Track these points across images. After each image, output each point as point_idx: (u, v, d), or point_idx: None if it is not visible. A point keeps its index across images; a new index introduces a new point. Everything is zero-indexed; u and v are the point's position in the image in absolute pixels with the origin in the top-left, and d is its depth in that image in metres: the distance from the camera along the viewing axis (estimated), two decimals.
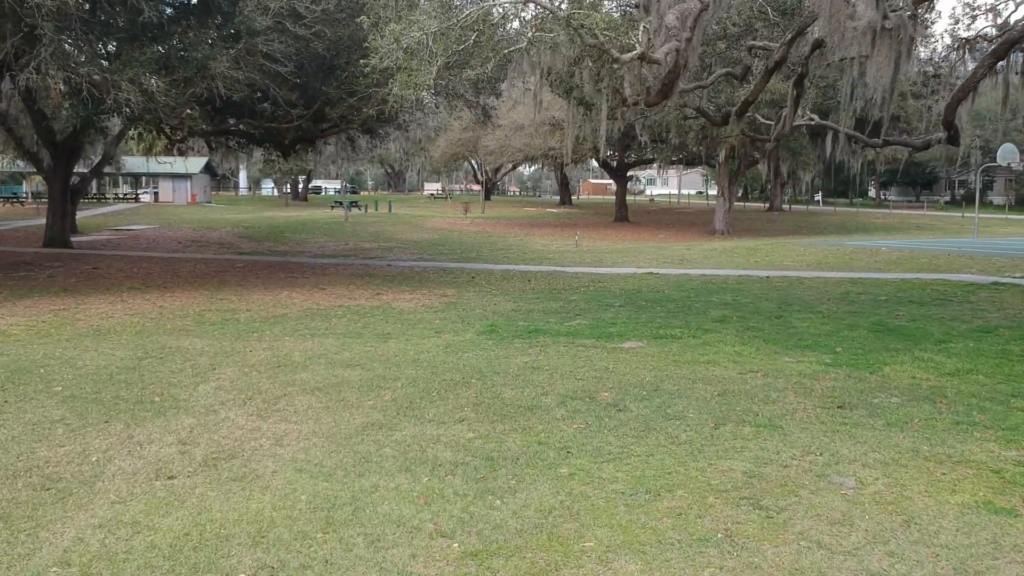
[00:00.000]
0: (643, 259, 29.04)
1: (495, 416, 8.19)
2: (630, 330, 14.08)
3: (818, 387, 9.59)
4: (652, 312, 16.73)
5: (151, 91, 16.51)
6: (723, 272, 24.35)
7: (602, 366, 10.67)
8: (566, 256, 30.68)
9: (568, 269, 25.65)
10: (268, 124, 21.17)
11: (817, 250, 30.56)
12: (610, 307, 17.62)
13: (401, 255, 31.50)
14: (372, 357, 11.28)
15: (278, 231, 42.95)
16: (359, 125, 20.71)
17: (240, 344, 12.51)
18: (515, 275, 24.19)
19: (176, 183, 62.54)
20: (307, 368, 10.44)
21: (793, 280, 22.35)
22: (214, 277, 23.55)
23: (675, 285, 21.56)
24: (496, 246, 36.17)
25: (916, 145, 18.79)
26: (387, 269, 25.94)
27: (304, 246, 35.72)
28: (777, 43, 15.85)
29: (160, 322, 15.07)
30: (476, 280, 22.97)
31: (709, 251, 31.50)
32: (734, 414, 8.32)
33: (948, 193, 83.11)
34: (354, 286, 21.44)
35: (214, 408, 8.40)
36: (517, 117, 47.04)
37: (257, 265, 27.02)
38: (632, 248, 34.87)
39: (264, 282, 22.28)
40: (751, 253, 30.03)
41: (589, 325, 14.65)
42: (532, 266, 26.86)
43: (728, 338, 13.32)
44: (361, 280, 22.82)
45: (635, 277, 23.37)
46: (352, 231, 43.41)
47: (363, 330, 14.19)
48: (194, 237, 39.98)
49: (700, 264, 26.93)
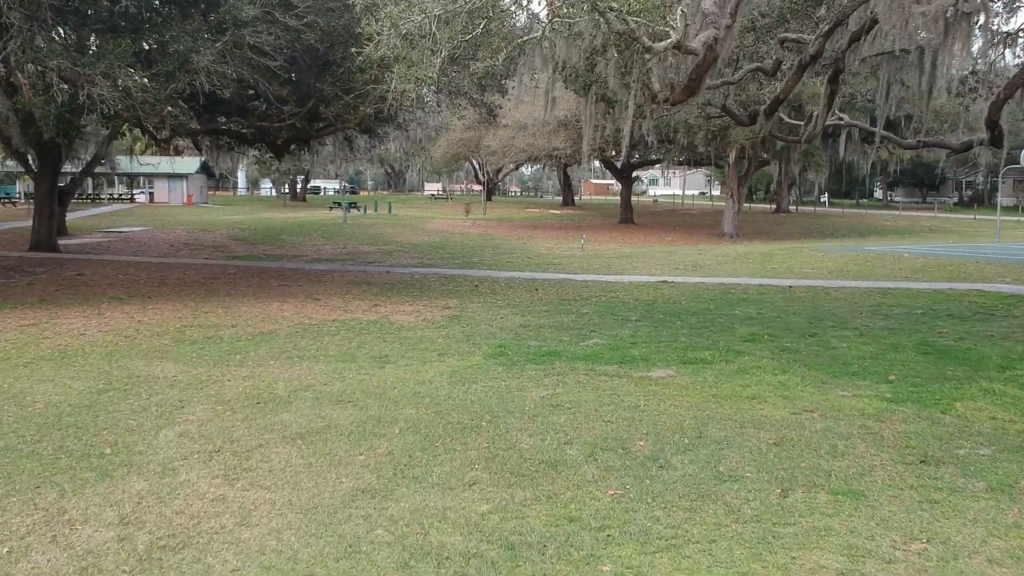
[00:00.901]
0: (654, 265, 27.58)
1: (512, 476, 6.72)
2: (654, 352, 12.61)
3: (888, 432, 8.12)
4: (673, 328, 15.26)
5: (127, 86, 15.02)
6: (741, 280, 22.88)
7: (631, 403, 9.19)
8: (572, 261, 29.21)
9: (576, 277, 24.18)
10: (260, 123, 19.68)
11: (835, 256, 29.09)
12: (626, 322, 16.15)
13: (401, 260, 30.03)
14: (366, 390, 9.80)
15: (274, 233, 41.44)
16: (356, 124, 19.24)
17: (218, 371, 11.04)
18: (520, 283, 22.72)
19: (172, 183, 60.95)
20: (290, 405, 8.96)
21: (817, 290, 20.87)
22: (202, 285, 22.08)
23: (692, 295, 20.10)
24: (499, 250, 34.70)
25: (955, 147, 17.33)
26: (386, 276, 24.47)
27: (300, 249, 34.24)
28: (810, 36, 14.37)
29: (135, 341, 13.59)
30: (480, 289, 21.51)
31: (722, 256, 30.03)
32: (801, 474, 6.85)
33: (956, 194, 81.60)
34: (350, 296, 19.97)
35: (173, 466, 6.93)
36: (521, 116, 45.53)
37: (249, 272, 25.54)
38: (640, 252, 33.39)
39: (255, 291, 20.80)
40: (766, 259, 28.56)
41: (608, 346, 13.17)
42: (538, 273, 25.39)
43: (765, 363, 11.85)
44: (358, 289, 21.35)
45: (648, 286, 21.89)
46: (350, 233, 41.92)
47: (358, 351, 12.72)
48: (187, 240, 38.49)
49: (715, 271, 25.46)
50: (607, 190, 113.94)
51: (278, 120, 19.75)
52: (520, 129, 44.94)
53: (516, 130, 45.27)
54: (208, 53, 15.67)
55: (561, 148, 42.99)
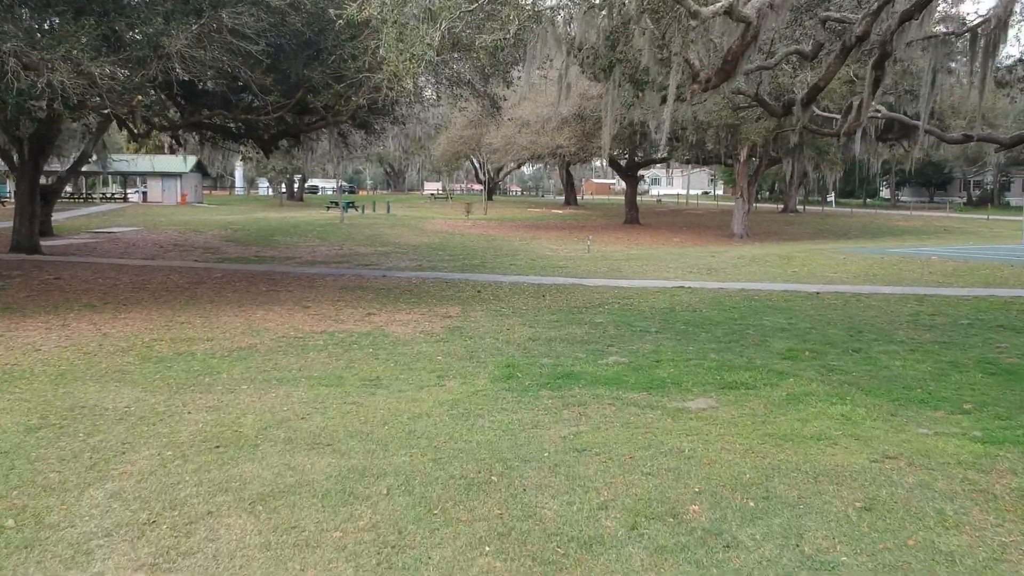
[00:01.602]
0: (666, 268, 25.91)
1: (534, 563, 5.05)
2: (685, 374, 10.94)
3: (1000, 490, 6.44)
4: (698, 341, 13.60)
5: (91, 72, 13.34)
6: (762, 286, 21.21)
7: (672, 445, 7.52)
8: (579, 264, 27.53)
9: (585, 281, 22.50)
10: (245, 116, 17.98)
11: (858, 258, 27.40)
12: (645, 334, 14.49)
13: (399, 262, 28.36)
14: (351, 427, 8.12)
15: (268, 234, 39.76)
16: (349, 117, 17.57)
17: (180, 399, 9.37)
18: (526, 288, 21.05)
19: (165, 182, 59.09)
20: (256, 451, 7.28)
21: (847, 297, 19.20)
22: (185, 291, 20.40)
23: (713, 303, 18.43)
24: (501, 251, 33.02)
25: (1005, 141, 15.66)
26: (382, 280, 22.79)
27: (294, 251, 32.57)
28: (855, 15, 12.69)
29: (94, 359, 11.91)
30: (483, 295, 19.84)
31: (736, 259, 28.35)
32: (914, 558, 5.18)
33: (964, 194, 79.85)
34: (343, 303, 18.30)
35: (88, 547, 5.25)
36: (523, 113, 43.82)
37: (237, 275, 23.87)
38: (649, 254, 31.71)
39: (240, 298, 19.13)
40: (785, 262, 26.87)
41: (630, 365, 11.50)
42: (544, 277, 23.72)
43: (815, 387, 10.18)
44: (352, 295, 19.68)
45: (664, 292, 20.22)
46: (347, 234, 40.26)
47: (346, 372, 11.04)
48: (177, 240, 36.81)
49: (732, 275, 23.78)
50: (609, 189, 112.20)
51: (264, 113, 18.05)
52: (523, 126, 43.21)
53: (518, 127, 43.53)
54: (182, 37, 13.99)
55: (565, 146, 41.26)
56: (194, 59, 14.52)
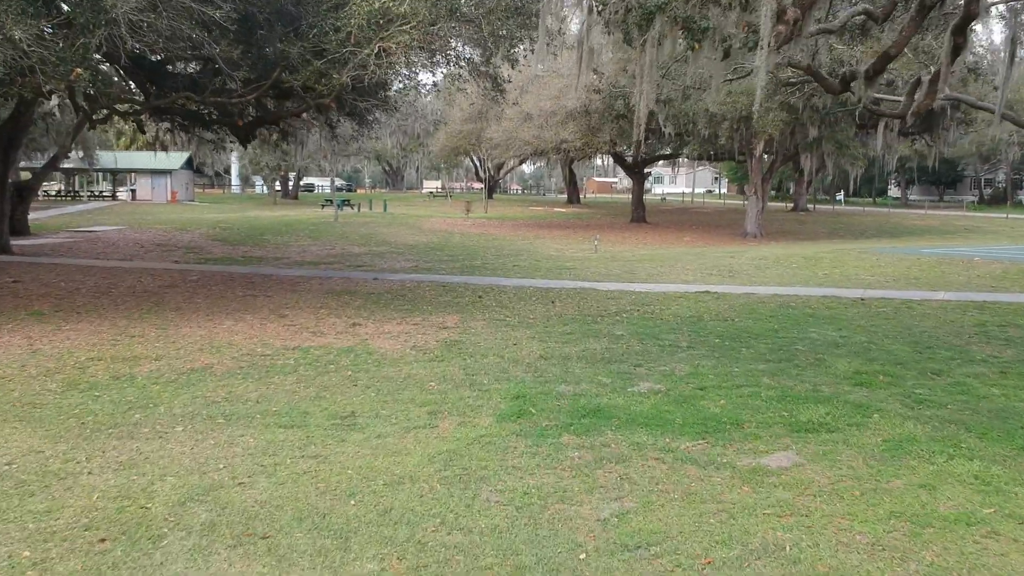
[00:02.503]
0: (682, 270, 23.57)
1: None
2: (740, 407, 8.61)
3: None
4: (742, 360, 11.29)
5: (17, 39, 11.01)
6: (795, 291, 18.87)
7: (764, 539, 5.16)
8: (588, 266, 25.19)
9: (598, 285, 20.16)
10: (215, 99, 15.65)
11: (891, 260, 25.04)
12: (676, 350, 12.18)
13: (394, 263, 26.03)
14: (302, 505, 5.77)
15: (258, 233, 37.39)
16: (332, 99, 15.23)
17: (86, 450, 7.04)
18: (532, 293, 18.72)
19: (155, 179, 56.49)
20: (156, 549, 4.93)
21: (896, 304, 16.87)
22: (152, 296, 18.09)
23: (746, 310, 16.11)
24: (503, 251, 30.68)
25: None
26: (373, 284, 20.45)
27: (284, 251, 30.24)
28: None
29: (6, 386, 9.58)
30: (484, 301, 17.52)
31: (758, 260, 26.00)
32: None
33: (976, 192, 77.37)
34: (326, 311, 15.98)
35: None
36: (525, 106, 41.46)
37: (214, 278, 21.54)
38: (661, 255, 29.35)
39: (211, 304, 16.82)
40: (812, 264, 24.52)
41: (670, 395, 9.16)
42: (551, 280, 21.38)
43: (912, 428, 7.85)
44: (337, 301, 17.36)
45: (687, 298, 17.89)
46: (341, 233, 37.89)
47: (313, 406, 8.71)
48: (161, 240, 34.44)
49: (758, 278, 21.44)
50: (611, 188, 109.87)
51: (237, 96, 15.69)
52: (525, 120, 40.80)
53: (520, 121, 41.13)
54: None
55: (570, 140, 38.86)
56: (146, 26, 12.18)
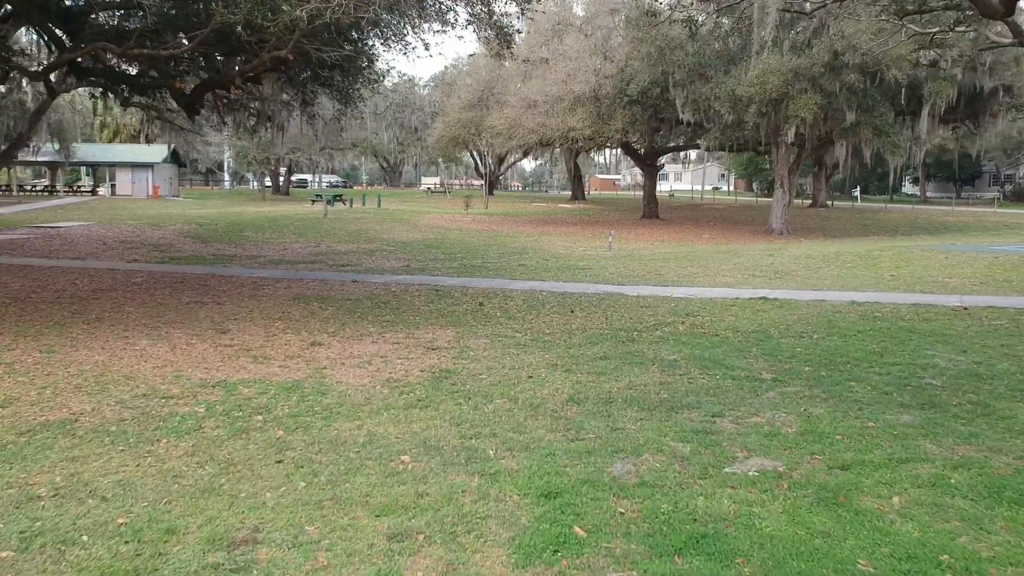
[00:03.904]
0: (718, 271, 19.81)
1: None
2: (932, 514, 4.90)
3: None
4: (865, 405, 7.60)
5: None
6: (873, 296, 15.12)
7: None
8: (605, 265, 21.42)
9: (625, 290, 16.40)
10: (140, 51, 11.88)
11: (964, 259, 21.19)
12: (758, 385, 8.48)
13: (382, 262, 22.29)
14: None
15: (237, 230, 33.62)
16: (289, 48, 11.48)
17: None
18: (546, 299, 15.00)
19: (136, 174, 52.40)
20: None
21: (1012, 314, 13.12)
22: (76, 303, 14.37)
23: (823, 323, 12.37)
24: (507, 249, 26.92)
25: None
26: (351, 288, 16.71)
27: (262, 248, 26.51)
28: None
29: None
30: (487, 310, 13.79)
31: (803, 259, 22.19)
32: None
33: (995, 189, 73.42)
34: (283, 324, 12.26)
35: None
36: (529, 92, 37.71)
37: (163, 280, 17.81)
38: (686, 253, 25.57)
39: (142, 315, 13.09)
40: (870, 263, 20.70)
41: (801, 487, 5.42)
42: (566, 283, 17.64)
43: None
44: (302, 310, 13.63)
45: (740, 305, 14.16)
46: (328, 230, 34.14)
47: (190, 513, 4.97)
48: (128, 236, 30.67)
49: (813, 281, 17.69)
50: (614, 186, 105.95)
51: (168, 47, 11.89)
52: (529, 107, 37.02)
53: (524, 108, 37.35)
54: None
55: (579, 128, 35.04)
56: None
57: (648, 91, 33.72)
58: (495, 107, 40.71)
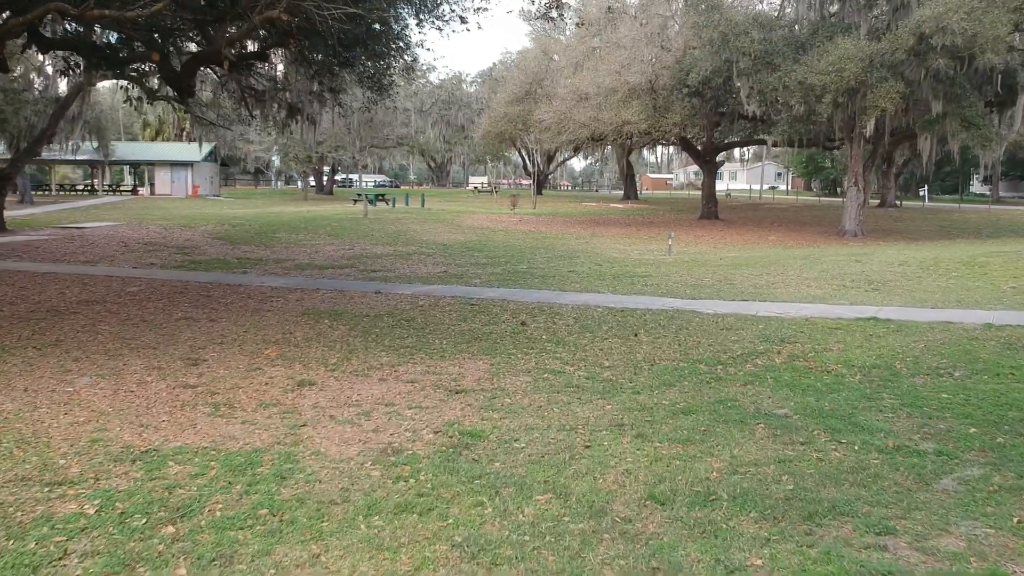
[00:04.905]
0: (800, 280, 16.86)
1: None
2: None
3: None
4: None
5: None
6: (1007, 317, 12.08)
7: None
8: (667, 272, 18.58)
9: (696, 305, 13.57)
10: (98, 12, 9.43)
11: None
12: (918, 462, 5.71)
13: (418, 267, 19.76)
14: None
15: (270, 231, 31.40)
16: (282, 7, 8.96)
17: None
18: (602, 317, 12.26)
19: (175, 173, 50.58)
20: None
21: None
22: (48, 318, 12.08)
23: (960, 354, 9.46)
24: (555, 252, 24.21)
25: None
26: (372, 301, 14.16)
27: (291, 251, 24.21)
28: None
29: None
30: (530, 332, 11.12)
31: (895, 266, 19.05)
32: None
33: None
34: (275, 350, 9.73)
35: None
36: (580, 84, 34.90)
37: (163, 289, 15.48)
38: (756, 258, 22.56)
39: (110, 336, 10.70)
40: (978, 272, 17.51)
41: None
42: (624, 295, 14.86)
43: None
44: (306, 330, 11.10)
45: (845, 327, 11.26)
46: (366, 231, 31.75)
47: None
48: (153, 238, 28.62)
49: (918, 294, 14.67)
50: (666, 185, 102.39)
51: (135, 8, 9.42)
52: (580, 100, 34.21)
53: (575, 101, 34.54)
54: None
55: (634, 122, 32.15)
56: None
57: (709, 81, 30.68)
58: (543, 100, 38.01)
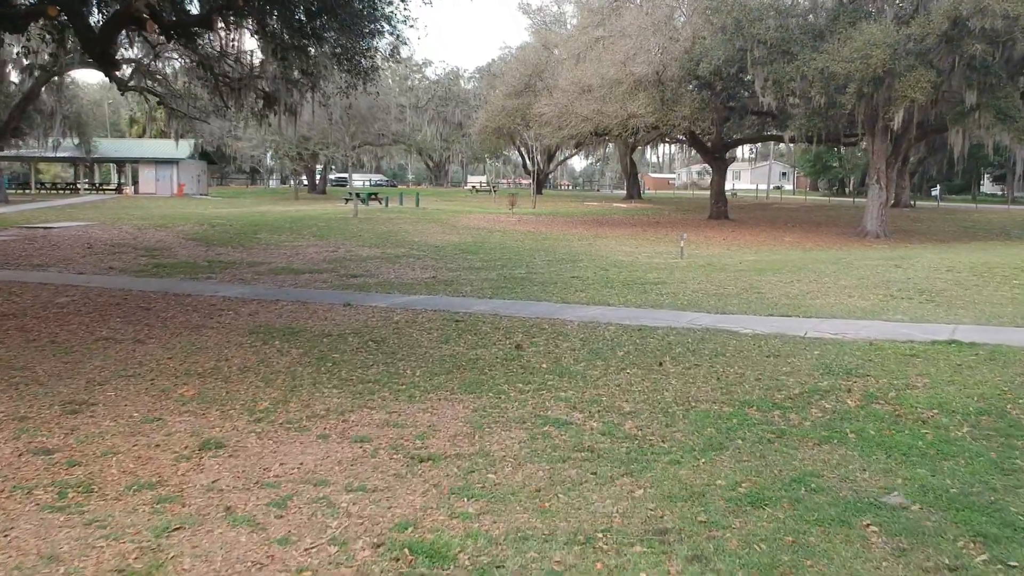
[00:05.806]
0: (837, 287, 14.49)
1: None
2: None
3: None
4: None
5: None
6: None
7: None
8: (683, 279, 16.21)
9: (729, 323, 11.20)
10: None
11: None
12: None
13: (403, 273, 17.43)
14: None
15: (252, 231, 29.05)
16: None
17: None
18: (616, 338, 9.91)
19: (159, 171, 47.99)
20: None
21: None
22: None
23: None
24: (557, 255, 21.85)
25: None
26: (339, 316, 11.79)
27: (269, 253, 21.90)
28: None
29: None
30: (528, 359, 8.76)
31: (941, 271, 16.70)
32: None
33: None
34: (195, 386, 7.39)
35: None
36: (582, 76, 32.54)
37: (97, 301, 13.14)
38: (778, 261, 20.17)
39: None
40: None
41: None
42: (639, 308, 12.49)
43: None
44: (247, 356, 8.76)
45: (921, 355, 8.92)
46: (354, 231, 29.39)
47: None
48: (123, 239, 26.27)
49: (982, 306, 12.33)
50: (668, 185, 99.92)
51: None
52: (583, 92, 31.86)
53: (577, 94, 32.18)
54: None
55: (641, 115, 29.82)
56: None
57: (721, 71, 28.35)
58: (543, 93, 35.69)
